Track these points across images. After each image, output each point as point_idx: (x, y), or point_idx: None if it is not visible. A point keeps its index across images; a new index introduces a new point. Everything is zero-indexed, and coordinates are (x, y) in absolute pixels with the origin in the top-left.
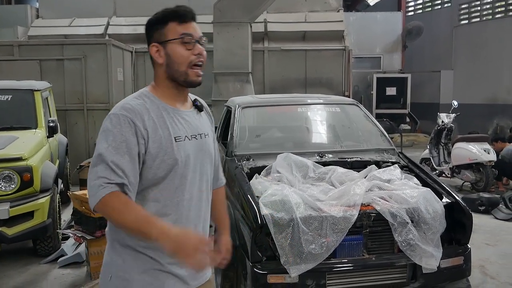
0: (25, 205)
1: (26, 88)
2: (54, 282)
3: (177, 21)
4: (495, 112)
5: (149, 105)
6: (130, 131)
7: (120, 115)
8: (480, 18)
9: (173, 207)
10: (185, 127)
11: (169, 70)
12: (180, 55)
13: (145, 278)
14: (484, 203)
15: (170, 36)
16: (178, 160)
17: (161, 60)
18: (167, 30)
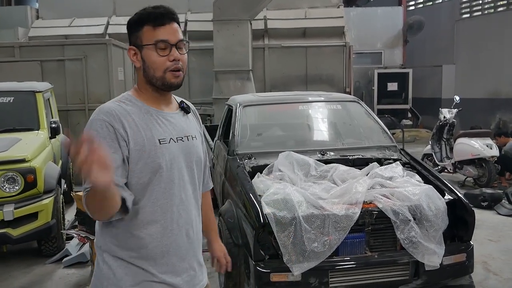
0: (29, 206)
1: (28, 89)
2: (59, 282)
3: (152, 24)
4: (497, 107)
5: (130, 107)
6: (108, 135)
7: (98, 120)
8: (481, 12)
9: (162, 213)
10: (170, 129)
11: (145, 74)
12: (153, 61)
13: None
14: (487, 198)
15: (144, 41)
16: (162, 163)
17: (138, 64)
18: (142, 34)
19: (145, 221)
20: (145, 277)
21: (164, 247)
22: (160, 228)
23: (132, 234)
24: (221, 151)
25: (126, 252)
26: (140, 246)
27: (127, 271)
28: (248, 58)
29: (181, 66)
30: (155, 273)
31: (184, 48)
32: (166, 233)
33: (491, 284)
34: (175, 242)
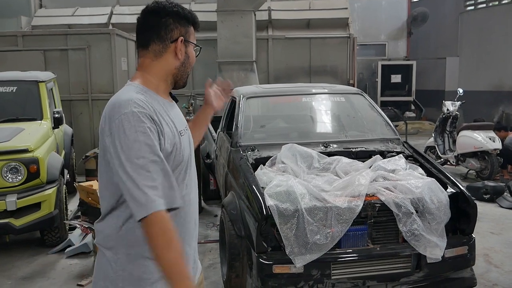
0: (32, 196)
1: (31, 79)
2: (62, 272)
3: (195, 28)
4: (501, 99)
5: (150, 99)
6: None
7: (136, 113)
8: (486, 4)
9: (182, 203)
10: (180, 120)
11: (182, 68)
12: (193, 61)
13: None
14: (489, 191)
15: (192, 39)
16: (184, 154)
17: (181, 56)
18: (191, 32)
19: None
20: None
21: (181, 235)
22: (179, 217)
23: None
24: (224, 143)
25: (145, 246)
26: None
27: (144, 269)
28: (251, 49)
29: None
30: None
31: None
32: (182, 222)
33: (492, 276)
34: (188, 230)
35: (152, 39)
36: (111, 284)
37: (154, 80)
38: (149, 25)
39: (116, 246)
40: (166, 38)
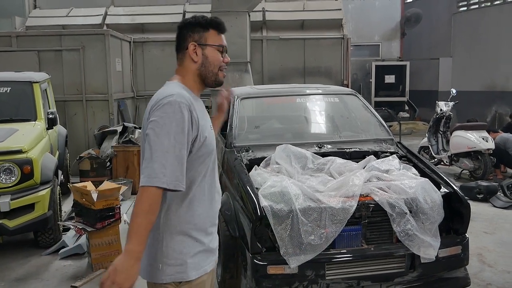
0: (26, 197)
1: (25, 80)
2: (56, 274)
3: (217, 31)
4: (493, 99)
5: (188, 95)
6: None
7: (181, 103)
8: (478, 5)
9: (210, 189)
10: (207, 117)
11: (203, 69)
12: (216, 59)
13: (195, 261)
14: (482, 191)
15: (210, 41)
16: (213, 146)
17: (196, 59)
18: (208, 35)
19: (199, 194)
20: (198, 247)
21: (211, 218)
22: (208, 202)
23: (189, 207)
24: (219, 144)
25: (185, 225)
26: (195, 217)
27: (184, 245)
28: (246, 50)
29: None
30: (205, 242)
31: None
32: (211, 206)
33: (486, 276)
34: (215, 213)
35: (177, 49)
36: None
37: (186, 80)
38: (176, 38)
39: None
40: (183, 47)
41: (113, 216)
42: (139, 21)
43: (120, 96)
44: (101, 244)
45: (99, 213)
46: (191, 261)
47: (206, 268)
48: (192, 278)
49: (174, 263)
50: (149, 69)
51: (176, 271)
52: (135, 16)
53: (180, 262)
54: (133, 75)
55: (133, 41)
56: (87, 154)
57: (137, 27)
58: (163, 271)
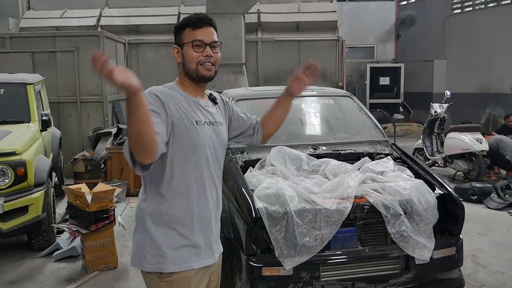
0: (20, 199)
1: (19, 81)
2: (50, 276)
3: (191, 27)
4: (487, 101)
5: (173, 93)
6: (158, 102)
7: (149, 93)
8: (472, 8)
9: (196, 183)
10: (205, 114)
11: (184, 68)
12: (190, 56)
13: (177, 254)
14: (476, 192)
15: (185, 39)
16: (197, 141)
17: (179, 60)
18: (183, 34)
19: (182, 189)
20: (182, 242)
21: (198, 213)
22: (195, 196)
23: (172, 200)
24: None
25: (168, 217)
26: (178, 211)
27: (168, 237)
28: (241, 51)
29: (213, 62)
30: (190, 237)
31: (218, 48)
32: (199, 201)
33: (480, 277)
34: (207, 209)
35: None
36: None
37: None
38: None
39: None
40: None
41: (107, 218)
42: (134, 23)
43: (115, 97)
44: (95, 246)
45: (94, 215)
46: (172, 253)
47: (192, 264)
48: (171, 271)
49: (155, 254)
50: (143, 71)
51: (157, 261)
52: (130, 17)
53: (161, 253)
54: None
55: (128, 43)
56: (82, 156)
57: (131, 29)
58: (146, 260)
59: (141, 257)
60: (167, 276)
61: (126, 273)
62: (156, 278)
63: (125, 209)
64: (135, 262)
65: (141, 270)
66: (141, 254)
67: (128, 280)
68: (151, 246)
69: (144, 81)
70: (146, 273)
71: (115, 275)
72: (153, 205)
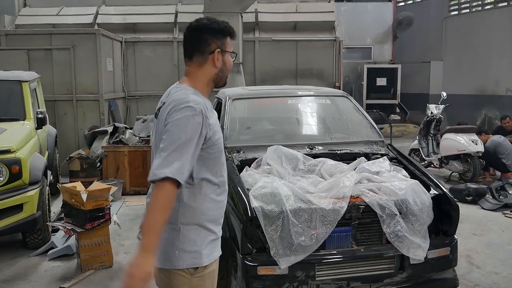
0: (14, 197)
1: (14, 79)
2: (45, 275)
3: (230, 37)
4: (483, 103)
5: (204, 100)
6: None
7: (197, 109)
8: (469, 9)
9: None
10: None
11: (221, 73)
12: (230, 65)
13: (208, 248)
14: (472, 193)
15: (228, 48)
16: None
17: (218, 64)
18: (227, 42)
19: (213, 190)
20: (211, 236)
21: (221, 210)
22: (220, 195)
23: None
24: None
25: (201, 217)
26: (210, 210)
27: (198, 233)
28: (238, 51)
29: None
30: (216, 231)
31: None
32: (222, 199)
33: (474, 277)
34: (224, 205)
35: (195, 52)
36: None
37: (200, 84)
38: (192, 40)
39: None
40: (205, 51)
41: (102, 217)
42: (131, 21)
43: (111, 96)
44: (90, 245)
45: (89, 213)
46: (205, 248)
47: (215, 255)
48: (207, 264)
49: (190, 250)
50: (140, 69)
51: (192, 257)
52: (127, 15)
53: (196, 249)
54: (124, 75)
55: (125, 41)
56: (77, 155)
57: (128, 27)
58: (180, 258)
59: (173, 257)
60: (200, 270)
61: (122, 271)
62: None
63: (121, 208)
64: (166, 262)
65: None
66: (172, 254)
67: None
68: (184, 245)
69: (141, 79)
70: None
71: (110, 273)
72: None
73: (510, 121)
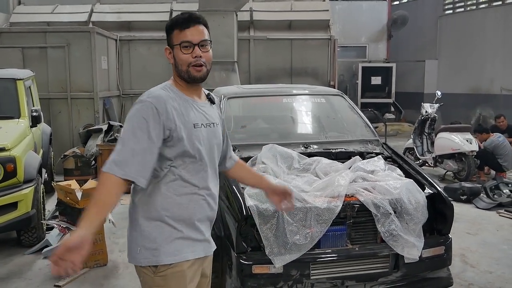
0: (9, 195)
1: (9, 77)
2: (39, 273)
3: (179, 28)
4: (478, 102)
5: (172, 94)
6: (152, 115)
7: (147, 102)
8: (464, 9)
9: (198, 182)
10: (201, 116)
11: (176, 69)
12: (180, 58)
13: (172, 247)
14: (466, 192)
15: (174, 41)
16: (196, 144)
17: (171, 61)
18: (173, 36)
19: (180, 187)
20: (176, 234)
21: (192, 210)
22: (194, 194)
23: (166, 197)
24: None
25: (161, 212)
26: (174, 208)
27: (161, 230)
28: (233, 49)
29: (204, 62)
30: (183, 230)
31: (208, 46)
32: (196, 200)
33: (468, 276)
34: (201, 208)
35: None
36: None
37: (175, 81)
38: None
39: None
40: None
41: None
42: (126, 19)
43: (106, 94)
44: None
45: (83, 212)
46: (166, 246)
47: (187, 255)
48: (166, 263)
49: (150, 247)
50: (135, 68)
51: (152, 254)
52: (122, 14)
53: (155, 247)
54: (119, 73)
55: (120, 39)
56: (72, 153)
57: (123, 25)
58: (142, 254)
59: (136, 253)
60: (162, 269)
61: (116, 270)
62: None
63: (116, 206)
64: (132, 258)
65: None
66: (135, 250)
67: (118, 277)
68: (144, 241)
69: (136, 78)
70: (141, 267)
71: (105, 272)
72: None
73: (505, 120)
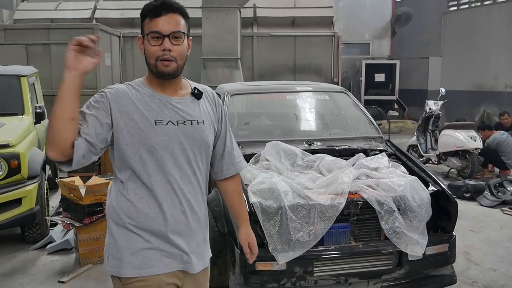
0: (13, 192)
1: (12, 73)
2: (43, 269)
3: (149, 17)
4: (482, 99)
5: (133, 90)
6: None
7: (101, 90)
8: (468, 5)
9: (159, 189)
10: (172, 112)
11: (146, 62)
12: (147, 50)
13: (136, 258)
14: (470, 190)
15: (145, 31)
16: (155, 142)
17: (142, 52)
18: (144, 25)
19: (142, 193)
20: (143, 245)
21: (161, 221)
22: (156, 201)
23: (133, 204)
24: None
25: (125, 218)
26: (138, 216)
27: (128, 239)
28: (236, 46)
29: (173, 56)
30: (151, 241)
31: (182, 39)
32: (163, 208)
33: (472, 274)
34: (172, 217)
35: None
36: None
37: (148, 76)
38: None
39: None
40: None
41: (101, 212)
42: (129, 16)
43: None
44: (88, 239)
45: (87, 208)
46: (130, 257)
47: (156, 269)
48: (127, 276)
49: (115, 256)
50: (138, 64)
51: (117, 264)
52: (125, 10)
53: (119, 257)
54: (123, 70)
55: (123, 36)
56: None
57: (126, 22)
58: (109, 262)
59: (105, 260)
60: (125, 281)
61: None
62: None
63: None
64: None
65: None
66: (105, 257)
67: None
68: (112, 248)
69: (139, 74)
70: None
71: None
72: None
73: (509, 117)
